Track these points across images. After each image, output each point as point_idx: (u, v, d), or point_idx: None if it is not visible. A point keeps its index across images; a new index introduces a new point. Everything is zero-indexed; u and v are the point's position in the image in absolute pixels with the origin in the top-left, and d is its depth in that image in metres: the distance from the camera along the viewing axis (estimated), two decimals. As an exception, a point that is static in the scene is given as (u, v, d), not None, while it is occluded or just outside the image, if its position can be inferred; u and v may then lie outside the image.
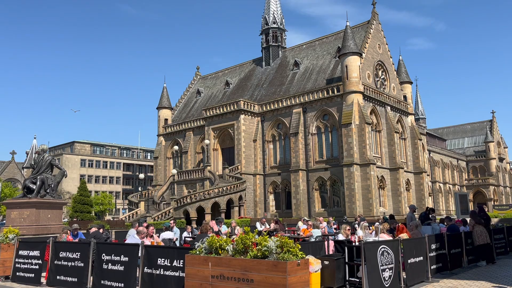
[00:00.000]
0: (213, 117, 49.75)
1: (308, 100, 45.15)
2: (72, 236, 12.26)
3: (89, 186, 75.26)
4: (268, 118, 48.52)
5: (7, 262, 10.98)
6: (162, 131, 59.63)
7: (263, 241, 6.46)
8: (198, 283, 6.82)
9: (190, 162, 54.34)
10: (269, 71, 55.60)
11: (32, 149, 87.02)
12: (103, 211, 75.79)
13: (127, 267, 8.54)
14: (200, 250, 7.12)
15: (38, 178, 19.97)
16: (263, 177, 48.04)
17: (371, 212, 39.00)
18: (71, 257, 9.72)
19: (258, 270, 6.22)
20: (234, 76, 60.57)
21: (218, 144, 50.48)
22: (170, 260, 7.86)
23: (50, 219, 19.95)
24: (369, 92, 43.59)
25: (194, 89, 65.04)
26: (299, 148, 44.49)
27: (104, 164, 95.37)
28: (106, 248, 9.28)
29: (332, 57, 49.02)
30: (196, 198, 40.93)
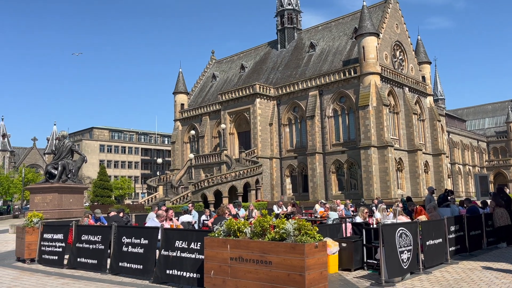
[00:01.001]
0: (229, 101, 49.73)
1: (324, 82, 44.67)
2: (94, 220, 12.55)
3: (109, 171, 76.62)
4: (284, 101, 48.26)
5: (32, 245, 11.32)
6: (178, 116, 59.98)
7: (281, 224, 6.50)
8: (217, 265, 6.93)
9: (206, 147, 54.67)
10: (284, 53, 55.07)
11: (52, 135, 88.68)
12: (122, 195, 77.18)
13: (147, 250, 8.72)
14: (219, 233, 7.21)
15: (59, 164, 20.41)
16: (279, 160, 48.08)
17: (388, 194, 38.77)
18: (92, 240, 9.97)
19: (276, 252, 6.28)
20: (249, 59, 60.22)
21: (234, 128, 50.56)
22: (188, 243, 7.98)
23: (72, 204, 20.45)
24: (386, 73, 42.86)
25: (209, 73, 64.98)
26: (316, 131, 44.26)
27: (122, 149, 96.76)
28: (126, 231, 9.48)
29: (348, 38, 48.22)
30: (213, 182, 41.29)
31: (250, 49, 62.41)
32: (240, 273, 6.64)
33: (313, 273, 6.07)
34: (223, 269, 6.87)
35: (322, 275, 6.26)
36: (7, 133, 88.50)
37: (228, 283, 6.79)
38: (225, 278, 6.83)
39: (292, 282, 6.05)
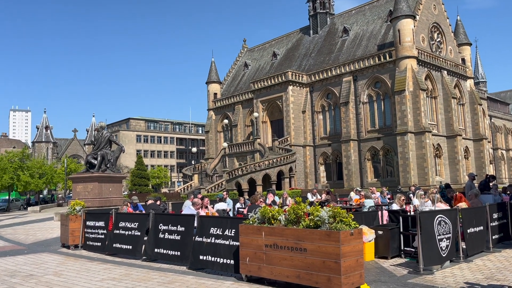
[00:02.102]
0: (261, 89, 49.65)
1: (358, 67, 43.77)
2: (132, 208, 12.94)
3: (145, 160, 78.58)
4: (317, 88, 47.69)
5: (76, 232, 11.83)
6: (212, 106, 60.52)
7: (315, 211, 6.47)
8: (253, 252, 7.00)
9: (240, 135, 54.98)
10: (317, 39, 54.25)
11: (91, 126, 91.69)
12: (159, 184, 79.06)
13: (184, 237, 8.90)
14: (253, 220, 7.26)
15: (98, 154, 21.13)
16: (313, 148, 47.75)
17: (426, 181, 37.79)
18: (129, 226, 10.29)
19: (311, 240, 6.27)
20: (281, 46, 59.74)
21: (267, 116, 50.52)
22: (222, 230, 8.09)
23: (112, 192, 21.17)
24: (423, 57, 41.47)
25: (241, 62, 65.00)
26: (350, 118, 43.56)
27: (158, 139, 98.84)
28: (163, 218, 9.71)
29: (383, 22, 46.89)
30: (247, 170, 41.56)
31: (282, 36, 61.87)
32: (275, 260, 6.68)
33: (349, 260, 6.03)
34: (258, 255, 6.93)
35: (358, 263, 6.20)
36: (50, 125, 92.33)
37: (263, 269, 6.85)
38: (260, 265, 6.89)
39: (328, 269, 6.03)
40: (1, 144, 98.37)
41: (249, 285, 6.97)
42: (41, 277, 8.07)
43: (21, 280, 7.82)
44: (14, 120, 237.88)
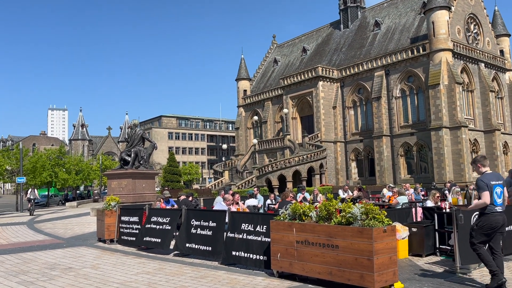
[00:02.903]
0: (291, 85, 49.42)
1: (390, 61, 42.85)
2: (165, 203, 13.19)
3: (177, 157, 79.83)
4: (348, 83, 47.03)
5: (111, 227, 12.17)
6: (241, 102, 60.76)
7: (347, 208, 6.40)
8: (284, 248, 7.00)
9: (269, 132, 54.98)
10: (347, 34, 53.45)
11: (125, 124, 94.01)
12: (191, 180, 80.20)
13: (215, 232, 9.00)
14: (284, 216, 7.25)
15: (132, 151, 21.65)
16: (344, 144, 47.18)
17: (462, 177, 36.66)
18: (160, 221, 10.49)
19: (343, 236, 6.20)
20: (311, 42, 59.23)
21: (297, 112, 50.27)
22: (254, 225, 8.12)
23: (145, 188, 21.65)
24: (459, 49, 40.13)
25: (271, 58, 64.88)
26: (382, 113, 42.75)
27: (189, 136, 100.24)
28: (195, 214, 9.85)
29: (416, 14, 45.66)
30: (277, 167, 41.54)
31: (312, 31, 61.32)
32: (306, 256, 6.66)
33: (382, 257, 5.93)
34: (289, 252, 6.92)
35: (392, 260, 6.09)
36: (86, 123, 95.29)
37: (295, 265, 6.84)
38: (291, 261, 6.89)
39: (360, 266, 5.96)
40: (40, 142, 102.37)
41: (280, 281, 6.98)
42: (79, 270, 8.36)
43: (60, 273, 8.12)
44: (52, 118, 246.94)
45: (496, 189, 6.35)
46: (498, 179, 6.49)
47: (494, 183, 6.37)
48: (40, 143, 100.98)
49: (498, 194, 6.36)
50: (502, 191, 6.47)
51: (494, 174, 6.54)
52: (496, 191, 6.36)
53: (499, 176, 6.62)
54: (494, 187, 6.34)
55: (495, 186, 6.35)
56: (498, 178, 6.50)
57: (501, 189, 6.46)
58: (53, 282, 7.31)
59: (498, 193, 6.36)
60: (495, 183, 6.38)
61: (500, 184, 6.47)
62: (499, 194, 6.37)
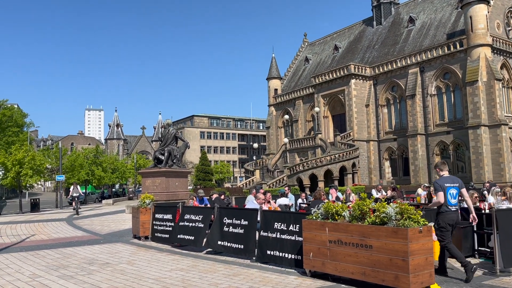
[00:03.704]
0: (322, 83, 48.98)
1: (426, 58, 41.74)
2: (198, 201, 13.37)
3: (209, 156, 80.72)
4: (381, 81, 46.16)
5: (146, 224, 12.44)
6: (272, 101, 60.74)
7: (381, 208, 6.29)
8: (316, 247, 6.96)
9: (301, 131, 54.71)
10: (380, 30, 52.46)
11: (158, 124, 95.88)
12: (222, 179, 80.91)
13: (247, 230, 9.04)
14: (317, 216, 7.21)
15: (165, 150, 22.03)
16: (377, 143, 46.35)
17: (502, 177, 35.28)
18: (194, 219, 10.63)
19: (377, 236, 6.10)
20: (343, 39, 58.49)
21: (329, 111, 49.79)
22: (287, 225, 8.11)
23: (178, 187, 21.98)
24: (498, 44, 38.61)
25: (302, 56, 64.53)
26: (417, 111, 41.72)
27: (221, 135, 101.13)
28: (227, 212, 9.93)
29: (453, 9, 44.28)
30: (308, 166, 41.29)
31: (344, 29, 60.56)
32: (339, 256, 6.60)
33: (417, 258, 5.80)
34: (322, 251, 6.88)
35: (428, 261, 5.95)
36: (121, 123, 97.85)
37: (328, 265, 6.79)
38: (324, 261, 6.84)
39: (395, 267, 5.85)
40: (78, 141, 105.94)
41: (312, 280, 6.95)
42: (116, 265, 8.61)
43: (98, 268, 8.39)
44: (89, 118, 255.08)
45: (450, 190, 7.27)
46: (453, 182, 7.40)
47: (448, 185, 7.30)
48: (78, 142, 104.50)
49: (452, 195, 7.26)
50: (457, 192, 7.33)
51: (450, 178, 7.48)
52: (450, 192, 7.27)
53: (454, 180, 7.49)
54: (448, 189, 7.26)
55: (449, 188, 7.28)
56: (453, 181, 7.41)
57: (456, 191, 7.32)
58: (92, 277, 7.56)
59: (453, 194, 7.27)
60: (449, 185, 7.30)
61: (455, 186, 7.34)
62: (453, 195, 7.26)
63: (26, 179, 30.63)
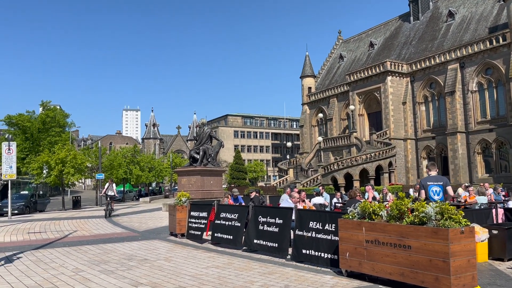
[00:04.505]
0: (357, 81, 48.21)
1: (466, 53, 40.25)
2: (233, 200, 13.48)
3: (243, 155, 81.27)
4: (419, 77, 44.91)
5: (182, 222, 12.66)
6: (306, 100, 60.34)
7: (420, 207, 6.13)
8: (353, 247, 6.86)
9: (335, 129, 54.07)
10: (418, 26, 51.03)
11: (193, 123, 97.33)
12: (256, 177, 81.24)
13: (282, 229, 9.04)
14: (353, 215, 7.11)
15: (200, 149, 22.36)
16: (414, 141, 45.16)
17: (550, 177, 33.55)
18: (229, 217, 10.73)
19: (416, 237, 5.95)
20: (378, 36, 57.33)
21: (364, 109, 48.94)
22: (322, 224, 8.05)
23: (213, 185, 22.26)
24: (545, 37, 36.71)
25: (336, 54, 63.74)
26: (457, 108, 40.32)
27: (254, 134, 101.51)
28: (262, 211, 9.96)
29: (495, 2, 42.48)
30: (343, 165, 40.77)
31: (379, 25, 59.32)
32: (376, 256, 6.48)
33: (459, 260, 5.61)
34: (358, 251, 6.78)
35: (470, 263, 5.74)
36: (157, 123, 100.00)
37: (364, 265, 6.68)
38: (361, 261, 6.74)
39: (435, 269, 5.69)
40: (116, 141, 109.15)
41: (349, 280, 6.86)
42: (154, 262, 8.82)
43: (137, 264, 8.62)
44: (126, 118, 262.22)
45: (432, 188, 8.04)
46: (436, 180, 8.18)
47: (430, 184, 8.09)
48: (116, 142, 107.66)
49: (434, 192, 8.00)
50: (440, 190, 8.06)
51: (434, 177, 8.22)
52: (432, 190, 8.04)
53: (438, 179, 8.27)
54: (430, 187, 8.04)
55: (431, 186, 8.05)
56: (436, 180, 8.20)
57: (439, 189, 8.06)
58: (131, 272, 7.78)
59: (436, 191, 8.00)
60: (431, 183, 8.10)
61: (439, 184, 8.08)
62: (435, 192, 8.00)
63: (68, 177, 31.87)
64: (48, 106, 48.16)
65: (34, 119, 45.76)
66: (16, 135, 44.51)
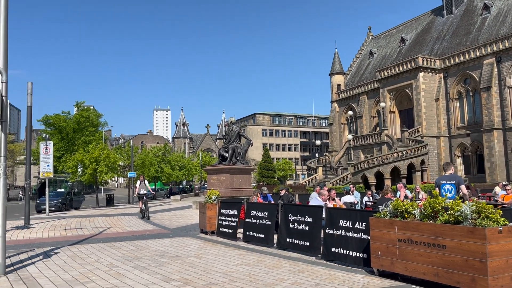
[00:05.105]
0: (388, 78, 47.29)
1: (503, 47, 38.79)
2: (262, 198, 13.50)
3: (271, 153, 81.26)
4: (452, 73, 43.62)
5: (212, 219, 12.80)
6: (335, 97, 59.71)
7: (455, 206, 5.96)
8: (385, 246, 6.74)
9: (365, 127, 53.27)
10: (451, 20, 49.55)
11: (222, 122, 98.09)
12: (284, 176, 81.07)
13: (312, 227, 8.99)
14: (385, 214, 6.99)
15: (229, 148, 22.53)
16: (448, 139, 43.92)
17: None
18: (259, 215, 10.74)
19: (451, 236, 5.79)
20: (409, 31, 56.03)
21: (395, 106, 47.98)
22: (352, 222, 7.95)
23: (242, 183, 22.40)
24: None
25: (366, 50, 62.73)
26: (493, 104, 38.93)
27: (282, 133, 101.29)
28: (292, 209, 9.93)
29: (534, -8, 40.74)
30: (373, 163, 40.11)
31: (411, 20, 57.97)
32: (409, 255, 6.35)
33: (497, 260, 5.42)
34: (390, 250, 6.66)
35: (509, 264, 5.53)
36: (186, 122, 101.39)
37: (397, 265, 6.56)
38: (393, 260, 6.62)
39: (471, 269, 5.52)
40: (147, 140, 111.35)
41: (381, 280, 6.75)
42: (185, 258, 8.95)
43: (169, 260, 8.77)
44: (157, 118, 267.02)
45: (444, 186, 8.39)
46: (450, 179, 8.53)
47: (443, 182, 8.48)
48: (147, 141, 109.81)
49: (446, 190, 8.34)
50: (452, 188, 8.37)
51: (447, 176, 8.59)
52: (444, 188, 8.39)
53: (451, 177, 8.59)
54: (442, 185, 8.41)
55: (443, 184, 8.43)
56: (450, 179, 8.54)
57: (451, 187, 8.39)
58: (163, 268, 7.92)
59: (448, 189, 8.33)
60: (444, 182, 8.49)
61: (451, 183, 8.40)
62: (447, 190, 8.34)
63: (101, 175, 32.75)
64: (82, 107, 49.64)
65: (69, 119, 47.26)
66: (52, 135, 46.10)
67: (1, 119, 7.55)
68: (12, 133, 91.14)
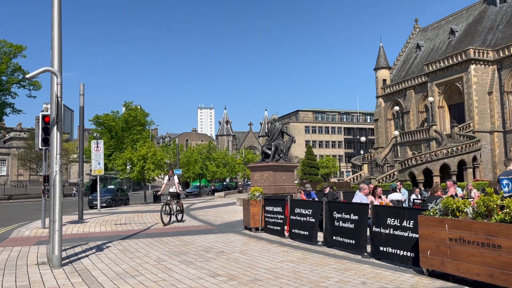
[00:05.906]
0: (437, 71, 45.50)
1: None
2: (306, 195, 13.42)
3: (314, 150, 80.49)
4: (507, 65, 41.30)
5: (256, 216, 12.87)
6: (380, 93, 58.23)
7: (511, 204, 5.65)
8: (435, 245, 6.51)
9: (412, 123, 51.60)
10: (505, 9, 46.90)
11: (264, 119, 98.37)
12: (328, 173, 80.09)
13: (358, 225, 8.83)
14: (434, 212, 6.74)
15: (272, 145, 22.54)
16: (502, 134, 41.67)
17: None
18: (303, 213, 10.69)
19: (507, 236, 5.49)
20: (460, 22, 53.58)
21: (444, 100, 46.10)
22: (400, 220, 7.74)
23: (285, 180, 22.35)
24: None
25: (413, 43, 60.67)
26: (552, 97, 36.51)
27: (326, 130, 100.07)
28: (337, 206, 9.80)
29: None
30: (421, 160, 38.79)
31: (461, 10, 55.43)
32: (461, 255, 6.09)
33: (559, 263, 5.10)
34: (441, 249, 6.41)
35: None
36: (229, 120, 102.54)
37: (448, 264, 6.31)
38: (443, 259, 6.37)
39: (530, 271, 5.22)
40: (192, 138, 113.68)
41: (431, 280, 6.52)
42: (230, 254, 9.07)
43: (214, 256, 8.93)
44: (201, 116, 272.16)
45: (502, 181, 8.63)
46: (507, 174, 8.65)
47: (502, 177, 8.69)
48: (192, 139, 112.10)
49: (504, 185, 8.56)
50: (509, 183, 8.47)
51: (507, 171, 8.74)
52: (502, 183, 8.63)
53: (509, 172, 8.67)
54: (501, 180, 8.66)
55: (502, 179, 8.67)
56: (507, 174, 8.66)
57: (508, 181, 8.50)
58: (209, 263, 8.07)
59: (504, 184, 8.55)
60: (503, 177, 8.67)
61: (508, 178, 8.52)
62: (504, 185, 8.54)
63: (149, 172, 33.80)
64: (130, 106, 51.40)
65: (118, 119, 49.08)
66: (102, 133, 48.09)
67: (57, 119, 7.96)
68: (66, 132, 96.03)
